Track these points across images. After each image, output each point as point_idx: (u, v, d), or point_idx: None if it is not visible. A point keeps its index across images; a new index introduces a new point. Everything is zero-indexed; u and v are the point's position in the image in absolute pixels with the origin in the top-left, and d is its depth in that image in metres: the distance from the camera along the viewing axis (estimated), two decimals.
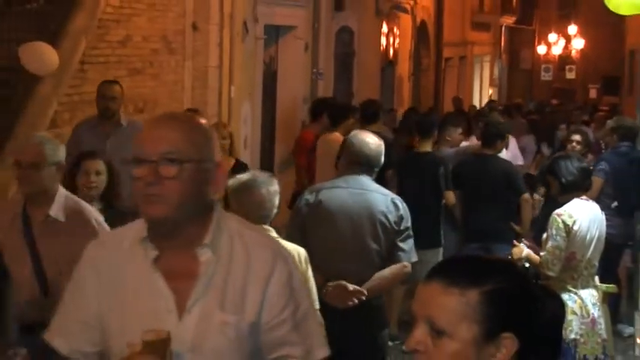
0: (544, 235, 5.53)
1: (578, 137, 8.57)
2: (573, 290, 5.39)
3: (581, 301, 5.37)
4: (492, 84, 29.34)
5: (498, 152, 7.69)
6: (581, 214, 5.43)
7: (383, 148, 5.05)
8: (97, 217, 4.43)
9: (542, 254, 5.49)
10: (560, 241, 5.35)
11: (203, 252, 2.42)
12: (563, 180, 5.52)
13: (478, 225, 7.33)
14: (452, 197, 7.73)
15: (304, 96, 13.30)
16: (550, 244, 5.38)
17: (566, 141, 8.63)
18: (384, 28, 17.35)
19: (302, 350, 2.49)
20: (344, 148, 5.11)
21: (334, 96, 13.06)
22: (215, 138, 2.51)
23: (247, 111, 11.30)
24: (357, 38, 15.77)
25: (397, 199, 5.02)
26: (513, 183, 7.48)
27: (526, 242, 5.84)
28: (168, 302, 2.41)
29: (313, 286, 4.42)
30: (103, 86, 7.39)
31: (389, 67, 18.03)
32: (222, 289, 2.42)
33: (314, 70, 13.75)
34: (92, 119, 7.40)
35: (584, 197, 5.56)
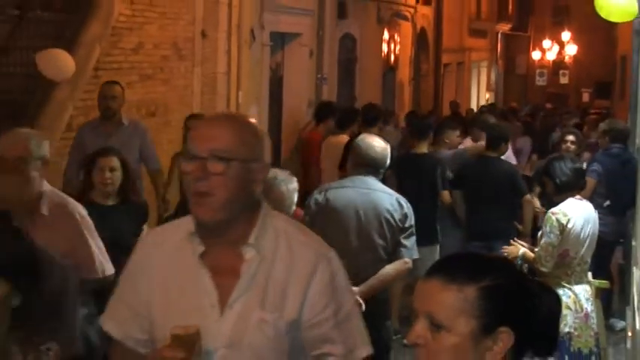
0: (539, 233, 5.54)
1: (572, 137, 8.58)
2: (567, 286, 5.39)
3: (575, 296, 5.37)
4: (489, 88, 29.31)
5: (502, 154, 7.73)
6: (575, 213, 5.43)
7: (388, 151, 5.19)
8: (81, 211, 4.31)
9: (536, 250, 5.51)
10: (553, 239, 5.36)
11: (247, 250, 2.40)
12: (557, 180, 5.52)
13: (481, 225, 7.34)
14: (447, 197, 7.78)
15: (309, 100, 13.31)
16: (544, 241, 5.40)
17: (560, 142, 8.62)
18: (386, 35, 17.36)
19: (343, 348, 2.45)
20: (351, 151, 5.24)
21: (338, 100, 13.08)
22: (267, 140, 2.48)
23: (254, 115, 11.31)
24: (360, 45, 15.78)
25: (402, 199, 5.13)
26: (516, 184, 7.50)
27: (522, 243, 5.86)
28: (211, 297, 2.39)
29: None
30: (104, 87, 7.39)
31: (390, 73, 18.03)
32: (263, 288, 2.39)
33: (318, 76, 13.76)
34: (94, 120, 7.40)
35: (578, 197, 5.56)
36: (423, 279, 1.94)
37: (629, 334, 6.78)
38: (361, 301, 4.74)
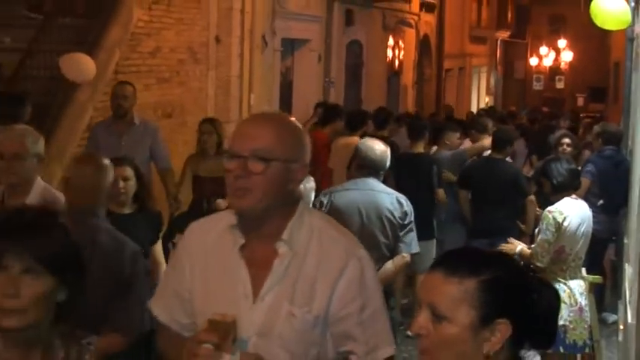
0: (536, 230, 5.55)
1: (568, 140, 8.57)
2: (563, 281, 5.39)
3: (569, 291, 5.37)
4: (489, 92, 29.25)
5: (506, 156, 7.76)
6: (571, 212, 5.43)
7: (388, 153, 5.20)
8: None
9: (532, 246, 5.52)
10: (549, 236, 5.36)
11: (280, 245, 2.38)
12: (554, 181, 5.53)
13: (486, 224, 7.33)
14: (442, 195, 7.82)
15: (317, 103, 13.28)
16: (540, 238, 5.41)
17: (557, 144, 8.61)
18: (390, 41, 17.35)
19: (364, 349, 2.40)
20: (354, 154, 5.30)
21: (344, 103, 13.08)
22: (307, 141, 2.44)
23: None
24: (366, 50, 15.79)
25: (402, 198, 5.15)
26: (520, 185, 7.50)
27: (519, 242, 5.86)
28: (246, 288, 2.37)
29: None
30: (117, 87, 7.36)
31: (394, 77, 18.02)
32: (293, 283, 2.37)
33: (326, 79, 13.77)
34: (107, 119, 7.38)
35: (573, 196, 5.56)
36: (427, 272, 1.95)
37: (620, 327, 6.76)
38: None
